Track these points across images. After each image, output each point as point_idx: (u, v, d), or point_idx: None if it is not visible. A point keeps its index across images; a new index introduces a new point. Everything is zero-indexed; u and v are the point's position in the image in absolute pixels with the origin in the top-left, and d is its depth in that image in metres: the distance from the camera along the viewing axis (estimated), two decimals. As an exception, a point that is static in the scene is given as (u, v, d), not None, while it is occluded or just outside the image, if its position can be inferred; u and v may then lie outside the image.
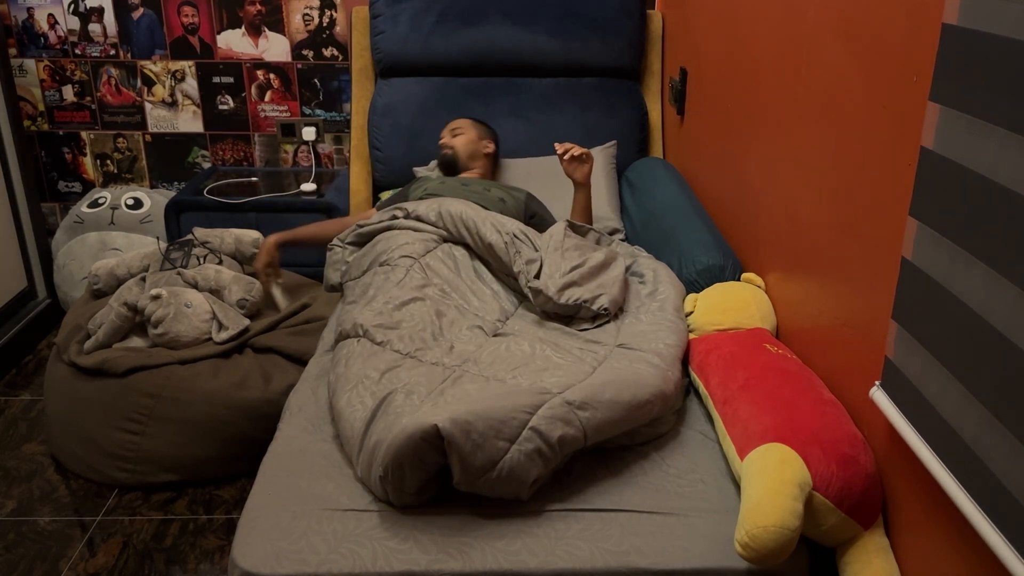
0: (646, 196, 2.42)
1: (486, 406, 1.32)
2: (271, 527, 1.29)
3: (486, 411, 1.31)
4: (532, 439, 1.32)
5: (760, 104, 1.88)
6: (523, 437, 1.32)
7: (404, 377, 1.48)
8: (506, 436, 1.30)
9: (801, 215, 1.65)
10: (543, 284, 1.78)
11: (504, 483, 1.31)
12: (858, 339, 1.40)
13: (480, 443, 1.27)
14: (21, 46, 2.96)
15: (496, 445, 1.29)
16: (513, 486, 1.32)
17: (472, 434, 1.27)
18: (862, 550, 1.27)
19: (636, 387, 1.46)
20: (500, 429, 1.30)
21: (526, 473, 1.31)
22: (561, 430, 1.35)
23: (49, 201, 3.17)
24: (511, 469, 1.29)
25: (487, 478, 1.29)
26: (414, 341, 1.61)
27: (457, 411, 1.29)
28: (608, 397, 1.42)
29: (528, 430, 1.32)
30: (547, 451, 1.33)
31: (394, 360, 1.55)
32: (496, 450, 1.29)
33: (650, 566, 1.25)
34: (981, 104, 0.99)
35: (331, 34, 2.98)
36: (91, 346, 2.09)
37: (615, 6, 2.70)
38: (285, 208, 2.80)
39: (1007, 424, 0.95)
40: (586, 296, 1.77)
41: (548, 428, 1.34)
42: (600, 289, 1.79)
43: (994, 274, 0.97)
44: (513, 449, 1.30)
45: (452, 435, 1.25)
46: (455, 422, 1.26)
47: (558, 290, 1.76)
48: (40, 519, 1.99)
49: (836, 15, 1.49)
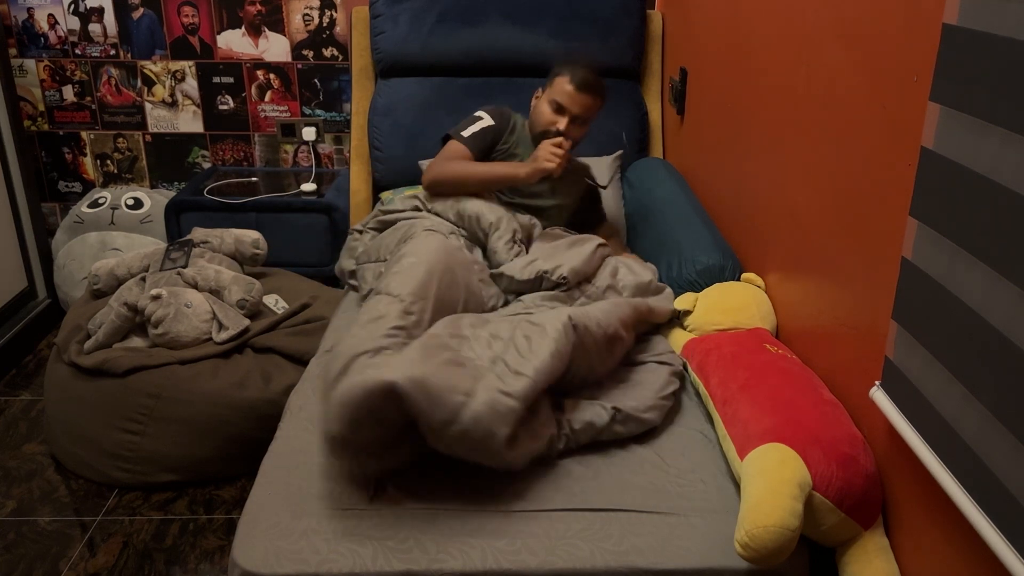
0: (646, 196, 2.42)
1: (445, 359, 1.34)
2: (271, 527, 1.29)
3: (444, 364, 1.32)
4: (489, 390, 1.31)
5: (760, 104, 1.88)
6: (482, 387, 1.31)
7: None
8: (463, 390, 1.29)
9: (801, 215, 1.65)
10: (505, 268, 1.84)
11: (473, 439, 1.28)
12: (858, 339, 1.40)
13: (437, 396, 1.26)
14: (21, 46, 2.96)
15: (454, 398, 1.27)
16: (485, 443, 1.29)
17: (428, 388, 1.25)
18: (862, 550, 1.27)
19: (556, 343, 1.46)
20: (457, 383, 1.29)
21: (492, 424, 1.28)
22: (520, 381, 1.35)
23: (49, 201, 3.17)
24: (473, 419, 1.27)
25: (451, 432, 1.27)
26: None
27: (413, 368, 1.27)
28: (539, 347, 1.43)
29: (484, 382, 1.33)
30: (509, 401, 1.32)
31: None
32: (454, 403, 1.27)
33: (650, 566, 1.25)
34: (981, 104, 0.99)
35: (331, 34, 2.98)
36: (91, 346, 2.09)
37: (615, 6, 2.70)
38: (285, 208, 2.80)
39: (1007, 424, 0.95)
40: (546, 267, 1.81)
41: (507, 379, 1.34)
42: (560, 259, 1.84)
43: (994, 274, 0.97)
44: (472, 400, 1.28)
45: (407, 390, 1.23)
46: (411, 378, 1.24)
47: (520, 268, 1.82)
48: (40, 519, 1.99)
49: (836, 15, 1.49)
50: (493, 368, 1.40)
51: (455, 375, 1.32)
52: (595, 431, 1.48)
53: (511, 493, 1.38)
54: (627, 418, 1.51)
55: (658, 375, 1.64)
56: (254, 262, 2.41)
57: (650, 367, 1.69)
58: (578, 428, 1.47)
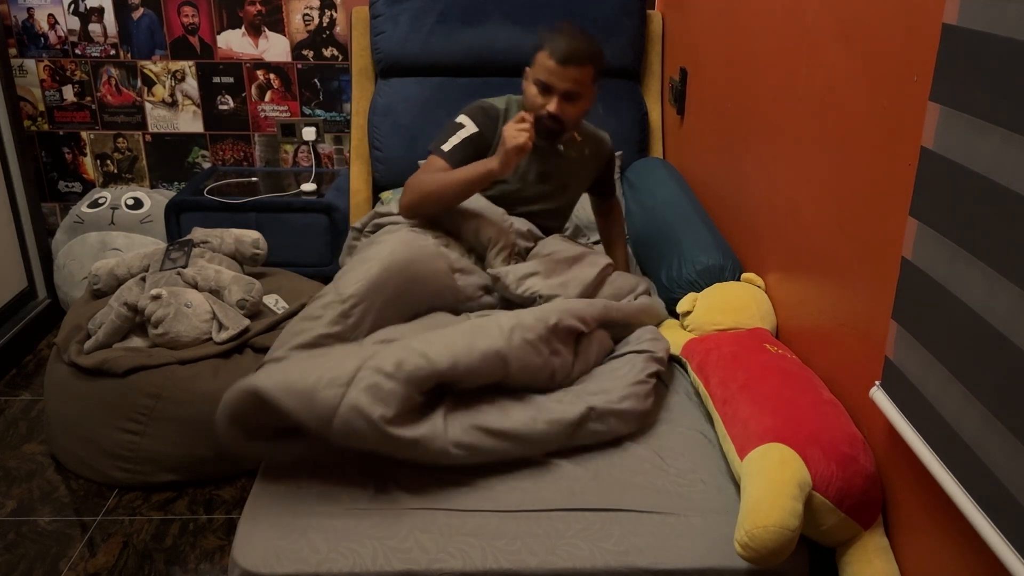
0: (646, 196, 2.42)
1: (318, 362, 1.36)
2: (271, 527, 1.29)
3: (317, 366, 1.34)
4: (365, 377, 1.32)
5: (760, 104, 1.88)
6: (357, 378, 1.32)
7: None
8: (339, 382, 1.31)
9: (801, 215, 1.65)
10: (503, 271, 1.77)
11: (353, 431, 1.29)
12: (858, 339, 1.40)
13: (309, 398, 1.28)
14: (21, 46, 2.96)
15: (327, 394, 1.29)
16: (365, 429, 1.29)
17: (298, 391, 1.29)
18: (862, 550, 1.27)
19: (474, 336, 1.45)
20: (332, 379, 1.31)
21: (369, 409, 1.29)
22: (396, 357, 1.35)
23: (49, 201, 3.17)
24: (351, 408, 1.28)
25: (334, 429, 1.29)
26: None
27: (284, 374, 1.32)
28: (444, 336, 1.44)
29: (362, 371, 1.33)
30: (387, 383, 1.32)
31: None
32: (329, 398, 1.29)
33: (650, 566, 1.25)
34: (981, 104, 0.99)
35: (331, 34, 2.98)
36: (91, 346, 2.08)
37: (615, 6, 2.70)
38: (285, 208, 2.80)
39: (1007, 424, 0.95)
40: (544, 291, 1.75)
41: (381, 362, 1.34)
42: (561, 288, 1.77)
43: (994, 274, 0.97)
44: (348, 392, 1.30)
45: (272, 395, 1.28)
46: (277, 383, 1.29)
47: (517, 279, 1.76)
48: (40, 519, 1.99)
49: (836, 15, 1.49)
50: (385, 350, 1.39)
51: (333, 367, 1.34)
52: (568, 429, 1.45)
53: (511, 493, 1.38)
54: (603, 414, 1.48)
55: (633, 363, 1.62)
56: (254, 262, 2.41)
57: (626, 358, 1.66)
58: (545, 426, 1.43)
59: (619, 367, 1.63)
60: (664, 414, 1.62)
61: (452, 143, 1.90)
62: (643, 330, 1.77)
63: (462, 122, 1.94)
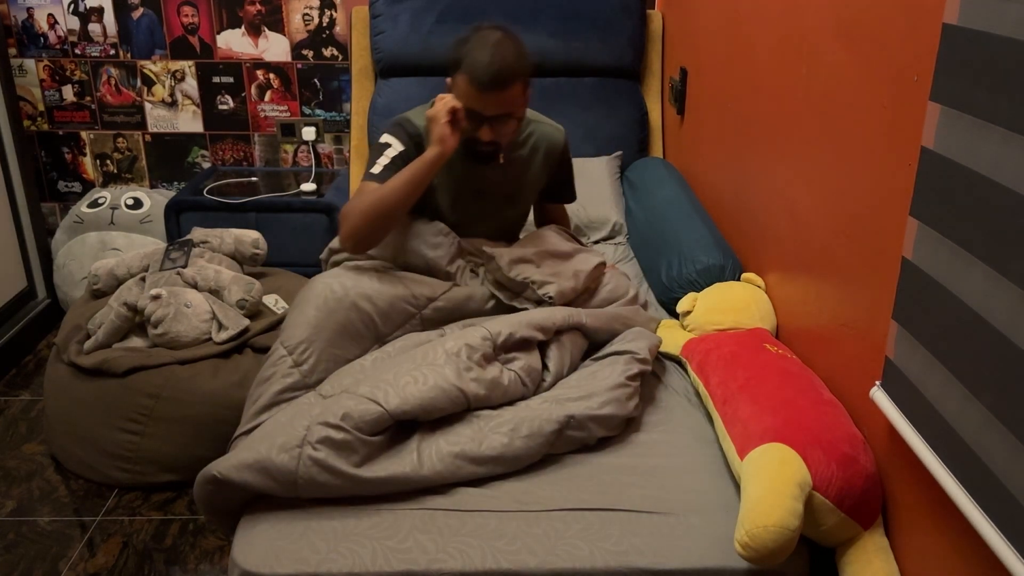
0: (646, 196, 2.42)
1: (268, 430, 1.39)
2: (271, 527, 1.29)
3: (267, 435, 1.36)
4: (316, 431, 1.34)
5: (760, 103, 1.88)
6: (307, 436, 1.34)
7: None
8: (291, 445, 1.33)
9: (801, 215, 1.65)
10: (497, 252, 1.75)
11: (320, 484, 1.32)
12: (858, 339, 1.40)
13: (264, 468, 1.31)
14: (21, 46, 2.96)
15: (282, 459, 1.32)
16: (330, 479, 1.32)
17: (252, 466, 1.32)
18: (862, 550, 1.27)
19: (421, 369, 1.46)
20: (283, 444, 1.33)
21: (328, 461, 1.31)
22: (343, 408, 1.36)
23: (49, 201, 3.16)
24: (310, 465, 1.31)
25: (300, 489, 1.32)
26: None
27: (233, 456, 1.34)
28: (395, 374, 1.44)
29: (311, 429, 1.35)
30: (338, 434, 1.34)
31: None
32: (285, 462, 1.32)
33: (650, 566, 1.25)
34: (981, 104, 0.99)
35: (331, 34, 2.98)
36: (91, 346, 2.08)
37: (615, 6, 2.70)
38: (285, 208, 2.80)
39: (1007, 424, 0.95)
40: (536, 277, 1.72)
41: (327, 416, 1.36)
42: (553, 277, 1.74)
43: (994, 274, 0.97)
44: (302, 451, 1.32)
45: (231, 478, 1.32)
46: (232, 467, 1.32)
47: (510, 261, 1.73)
48: (40, 519, 1.99)
49: (836, 15, 1.49)
50: (333, 403, 1.40)
51: (282, 432, 1.36)
52: (547, 439, 1.44)
53: (510, 493, 1.38)
54: (583, 422, 1.47)
55: (614, 366, 1.60)
56: (254, 262, 2.41)
57: (608, 360, 1.64)
58: (522, 442, 1.42)
59: (599, 370, 1.61)
60: (664, 414, 1.62)
61: (382, 164, 1.72)
62: (630, 333, 1.72)
63: (387, 141, 1.76)
